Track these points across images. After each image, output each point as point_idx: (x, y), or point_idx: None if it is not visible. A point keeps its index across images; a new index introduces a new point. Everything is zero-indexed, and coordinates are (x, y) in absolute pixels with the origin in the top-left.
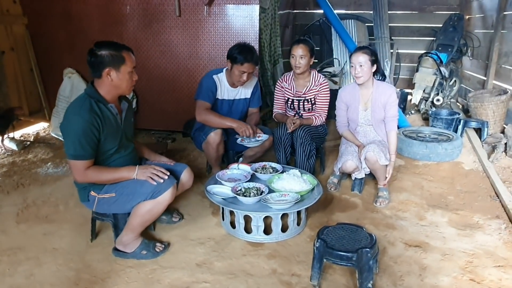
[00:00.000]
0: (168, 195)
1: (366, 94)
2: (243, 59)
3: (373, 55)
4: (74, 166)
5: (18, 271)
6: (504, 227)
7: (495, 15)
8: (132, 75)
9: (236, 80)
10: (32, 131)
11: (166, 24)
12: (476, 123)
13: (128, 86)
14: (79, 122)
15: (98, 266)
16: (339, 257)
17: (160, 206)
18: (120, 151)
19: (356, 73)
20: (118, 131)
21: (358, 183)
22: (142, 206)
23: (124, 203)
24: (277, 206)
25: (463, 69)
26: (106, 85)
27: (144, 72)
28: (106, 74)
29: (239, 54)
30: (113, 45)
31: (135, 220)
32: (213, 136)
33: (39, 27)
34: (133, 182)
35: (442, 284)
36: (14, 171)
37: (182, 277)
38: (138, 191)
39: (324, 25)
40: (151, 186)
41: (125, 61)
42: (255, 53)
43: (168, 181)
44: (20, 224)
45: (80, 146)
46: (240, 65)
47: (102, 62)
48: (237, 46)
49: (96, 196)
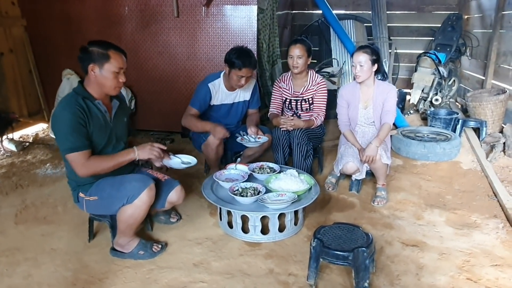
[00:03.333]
0: (144, 197)
1: (367, 92)
2: (241, 64)
3: (374, 55)
4: (73, 160)
5: (16, 271)
6: (502, 226)
7: (494, 14)
8: (118, 76)
9: (235, 84)
10: (31, 132)
11: (164, 25)
12: (474, 123)
13: (112, 86)
14: (67, 117)
15: (96, 267)
16: (336, 256)
17: (140, 210)
18: (108, 148)
19: (356, 72)
20: (106, 128)
21: (356, 183)
22: (123, 212)
23: (107, 206)
24: (274, 206)
25: (462, 68)
26: (92, 81)
27: (143, 73)
28: (91, 69)
29: (237, 58)
30: (103, 44)
31: (121, 225)
32: (212, 138)
33: (37, 29)
34: (111, 186)
35: (439, 283)
36: (13, 172)
37: (180, 277)
38: (115, 196)
39: (322, 25)
40: (125, 190)
41: (110, 59)
42: (253, 57)
43: (141, 184)
44: (19, 225)
45: (73, 138)
46: (238, 70)
47: (88, 58)
48: (234, 50)
49: (84, 197)
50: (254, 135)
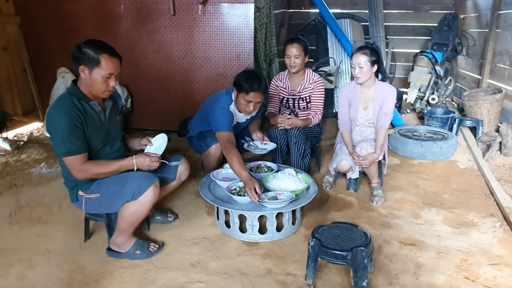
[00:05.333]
0: (150, 194)
1: (367, 93)
2: (248, 88)
3: (373, 55)
4: (70, 163)
5: (10, 273)
6: (499, 225)
7: (490, 14)
8: (108, 80)
9: (243, 110)
10: (26, 131)
11: (160, 23)
12: (471, 122)
13: (101, 90)
14: (63, 119)
15: (92, 267)
16: (334, 256)
17: (144, 207)
18: (105, 148)
19: (356, 74)
20: (102, 128)
21: (353, 182)
22: (126, 208)
23: (109, 204)
24: (272, 205)
25: (458, 68)
26: (83, 82)
27: (139, 71)
28: (81, 70)
29: (245, 81)
30: (96, 46)
31: (122, 222)
32: (214, 149)
33: (32, 26)
34: (115, 183)
35: (437, 282)
36: (7, 171)
37: (177, 278)
38: (120, 192)
39: (319, 24)
40: (131, 187)
41: (100, 64)
42: (262, 81)
43: (147, 181)
44: (13, 226)
45: (70, 142)
46: (245, 94)
47: (79, 59)
48: (243, 73)
49: (84, 196)
50: (261, 141)
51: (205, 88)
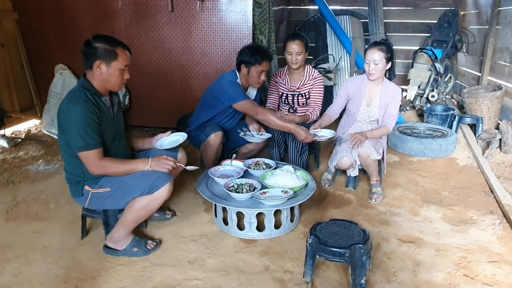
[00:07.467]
0: (165, 190)
1: (374, 90)
2: (260, 59)
3: (389, 52)
4: (87, 158)
5: (6, 269)
6: (498, 222)
7: (490, 11)
8: (124, 73)
9: (255, 82)
10: (24, 128)
11: (158, 19)
12: (470, 119)
13: (117, 83)
14: (81, 112)
15: (88, 264)
16: (332, 253)
17: (156, 202)
18: (114, 143)
19: (370, 70)
20: (111, 124)
21: (352, 180)
22: (138, 201)
23: (119, 198)
24: (269, 203)
25: (458, 65)
26: (96, 78)
27: (137, 68)
28: (97, 66)
29: (255, 55)
30: (110, 40)
31: (129, 215)
32: (213, 138)
33: (29, 22)
34: (130, 176)
35: (436, 279)
36: (5, 168)
37: (174, 275)
38: (135, 186)
39: (319, 21)
40: (148, 180)
41: (118, 57)
42: (266, 49)
43: (165, 177)
44: (10, 222)
45: (88, 135)
46: (259, 65)
47: (94, 54)
48: (247, 50)
49: (90, 190)
50: (257, 132)
51: (204, 84)
